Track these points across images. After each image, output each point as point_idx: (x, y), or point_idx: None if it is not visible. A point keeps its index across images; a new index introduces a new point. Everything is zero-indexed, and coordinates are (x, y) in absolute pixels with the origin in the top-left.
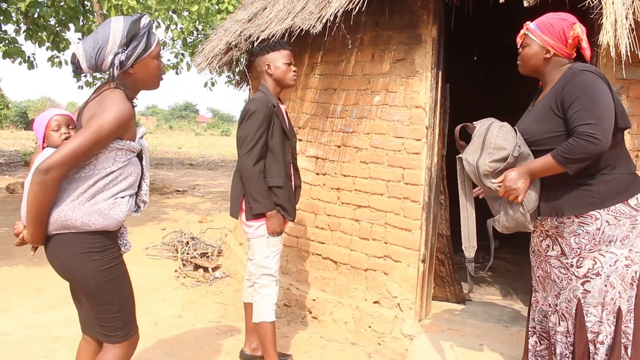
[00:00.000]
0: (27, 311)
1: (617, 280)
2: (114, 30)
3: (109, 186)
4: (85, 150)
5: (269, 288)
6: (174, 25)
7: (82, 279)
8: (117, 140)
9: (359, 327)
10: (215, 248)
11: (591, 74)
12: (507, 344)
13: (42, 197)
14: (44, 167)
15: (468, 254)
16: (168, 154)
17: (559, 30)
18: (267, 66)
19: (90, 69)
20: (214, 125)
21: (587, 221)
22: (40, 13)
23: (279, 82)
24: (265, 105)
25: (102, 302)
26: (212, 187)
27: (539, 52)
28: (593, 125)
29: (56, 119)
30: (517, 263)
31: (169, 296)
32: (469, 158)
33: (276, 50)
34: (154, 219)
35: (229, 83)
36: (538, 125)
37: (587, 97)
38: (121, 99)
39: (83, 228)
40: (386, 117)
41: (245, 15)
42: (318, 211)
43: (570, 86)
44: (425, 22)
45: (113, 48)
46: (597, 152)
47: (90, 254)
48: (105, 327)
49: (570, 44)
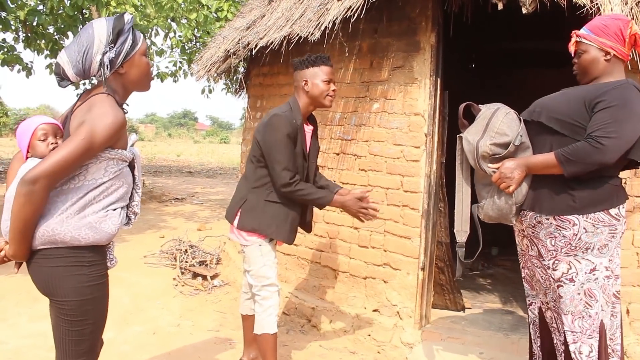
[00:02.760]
0: (25, 320)
1: (599, 292)
2: (97, 30)
3: (99, 198)
4: (75, 159)
5: (272, 299)
6: (173, 33)
7: (64, 293)
8: (109, 150)
9: (359, 336)
10: (213, 256)
11: (636, 91)
12: (508, 352)
13: (29, 210)
14: (30, 177)
15: (459, 237)
16: (167, 161)
17: (616, 30)
18: (305, 82)
19: (77, 75)
20: (213, 133)
21: (564, 225)
22: (39, 21)
23: (313, 101)
24: (288, 122)
25: (77, 321)
26: (211, 195)
27: (598, 56)
28: (611, 138)
29: (43, 127)
30: (516, 270)
31: (167, 305)
32: (469, 137)
33: (316, 65)
34: (153, 227)
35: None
36: (562, 105)
37: (623, 112)
38: (111, 106)
39: (72, 243)
40: (385, 124)
41: (244, 23)
42: (317, 219)
43: (613, 93)
44: (424, 30)
45: (100, 47)
46: (599, 163)
47: (77, 267)
48: (70, 351)
49: (628, 43)
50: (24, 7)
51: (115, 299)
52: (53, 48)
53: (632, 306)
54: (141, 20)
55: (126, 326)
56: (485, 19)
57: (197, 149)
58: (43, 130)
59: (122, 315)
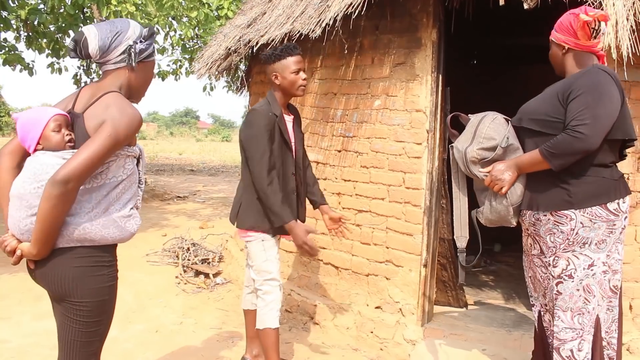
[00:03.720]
0: (28, 319)
1: (596, 287)
2: (134, 23)
3: (119, 195)
4: (102, 157)
5: (273, 294)
6: (173, 31)
7: (83, 294)
8: (126, 147)
9: (361, 333)
10: (216, 254)
11: (607, 76)
12: (511, 349)
13: (61, 210)
14: (62, 177)
15: (459, 243)
16: (169, 160)
17: (567, 24)
18: (274, 76)
19: (99, 49)
20: (215, 131)
21: (561, 220)
22: (40, 20)
23: (286, 92)
24: (264, 116)
25: (93, 322)
26: (213, 193)
27: (557, 50)
28: (587, 125)
29: (57, 118)
30: (519, 267)
31: (169, 302)
32: (459, 146)
33: (283, 58)
34: (155, 225)
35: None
36: (539, 105)
37: (592, 96)
38: (129, 104)
39: (100, 242)
40: (386, 121)
41: (245, 21)
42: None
43: (581, 81)
44: (425, 26)
45: (133, 35)
46: (583, 151)
47: (98, 267)
48: (80, 353)
49: (581, 35)
50: (24, 6)
51: (118, 297)
52: (54, 47)
53: (636, 302)
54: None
55: (129, 324)
56: (487, 15)
57: (199, 147)
58: (57, 122)
59: (125, 313)
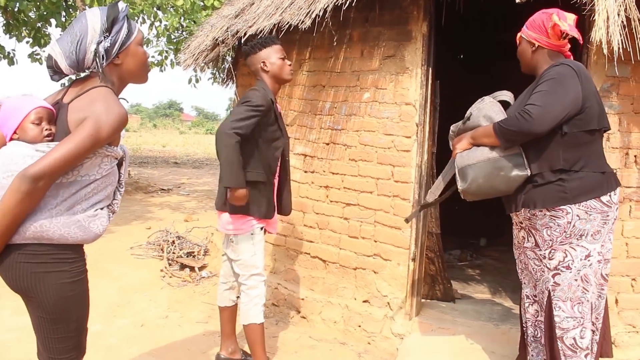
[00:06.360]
0: (8, 314)
1: (592, 277)
2: (91, 19)
3: (89, 195)
4: (79, 156)
5: (258, 289)
6: (159, 22)
7: (45, 291)
8: (107, 147)
9: (349, 327)
10: (201, 247)
11: (569, 68)
12: (498, 343)
13: (26, 207)
14: (34, 173)
15: (428, 197)
16: (152, 152)
17: (539, 23)
18: (263, 63)
19: (71, 67)
20: (199, 124)
21: (558, 214)
22: (20, 7)
23: (276, 78)
24: (263, 98)
25: (61, 319)
26: (197, 186)
27: (527, 47)
28: (536, 107)
29: (39, 111)
30: (504, 261)
31: (154, 296)
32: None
33: (268, 45)
34: (139, 218)
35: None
36: (520, 102)
37: (549, 85)
38: (115, 101)
39: (59, 241)
40: (376, 114)
41: (232, 11)
42: (306, 209)
43: (547, 72)
44: (416, 19)
45: (94, 37)
46: (526, 132)
47: (59, 264)
48: (57, 349)
49: (552, 34)
50: None
51: (102, 291)
52: (36, 36)
53: (621, 296)
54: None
55: (113, 319)
56: (478, 9)
57: (183, 139)
58: (38, 114)
59: (109, 307)
